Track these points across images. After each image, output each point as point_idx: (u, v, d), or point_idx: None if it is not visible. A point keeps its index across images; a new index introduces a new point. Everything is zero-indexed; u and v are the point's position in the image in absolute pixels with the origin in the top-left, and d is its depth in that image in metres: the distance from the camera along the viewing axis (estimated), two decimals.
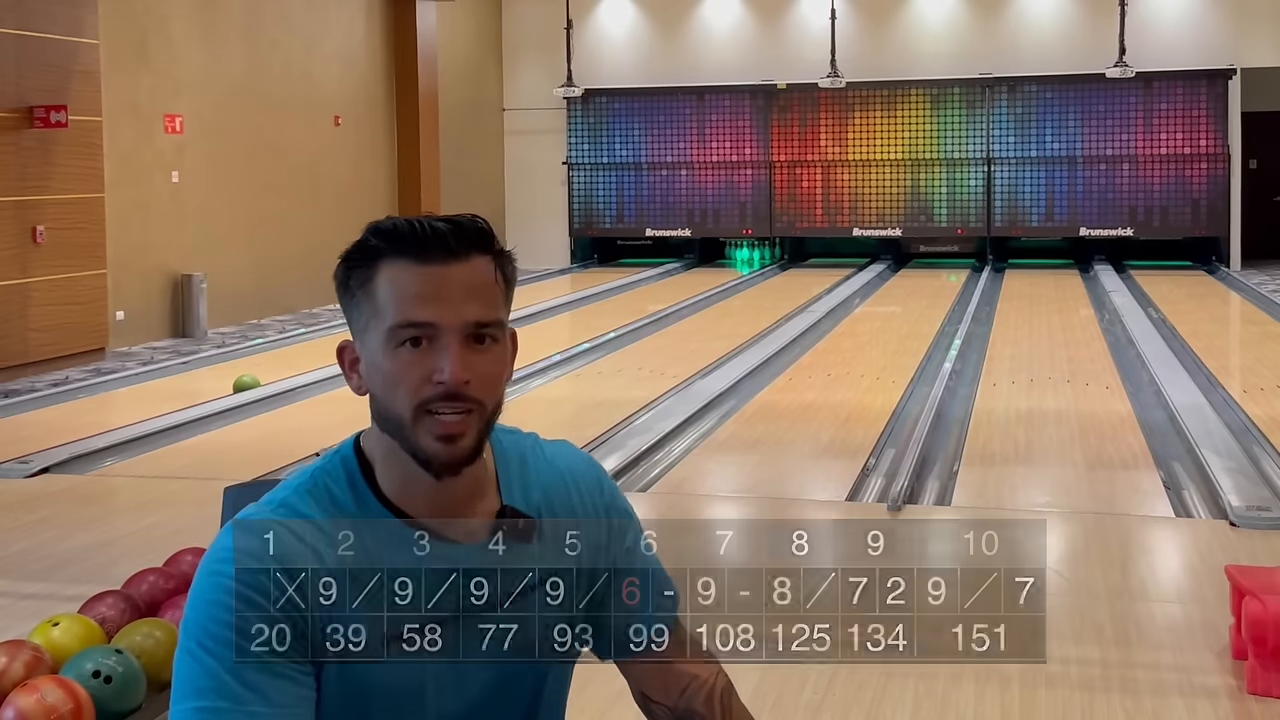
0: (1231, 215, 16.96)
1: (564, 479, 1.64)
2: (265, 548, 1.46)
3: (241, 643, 1.42)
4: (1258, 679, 3.69)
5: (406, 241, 1.49)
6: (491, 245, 1.54)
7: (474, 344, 1.49)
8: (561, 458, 1.66)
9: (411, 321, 1.47)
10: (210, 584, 1.46)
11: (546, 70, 18.60)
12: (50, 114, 9.99)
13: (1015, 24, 17.57)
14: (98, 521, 5.93)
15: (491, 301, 1.51)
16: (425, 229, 1.49)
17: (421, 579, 1.48)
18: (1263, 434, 7.02)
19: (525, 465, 1.61)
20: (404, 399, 1.47)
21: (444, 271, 1.48)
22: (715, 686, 1.72)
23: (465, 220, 1.52)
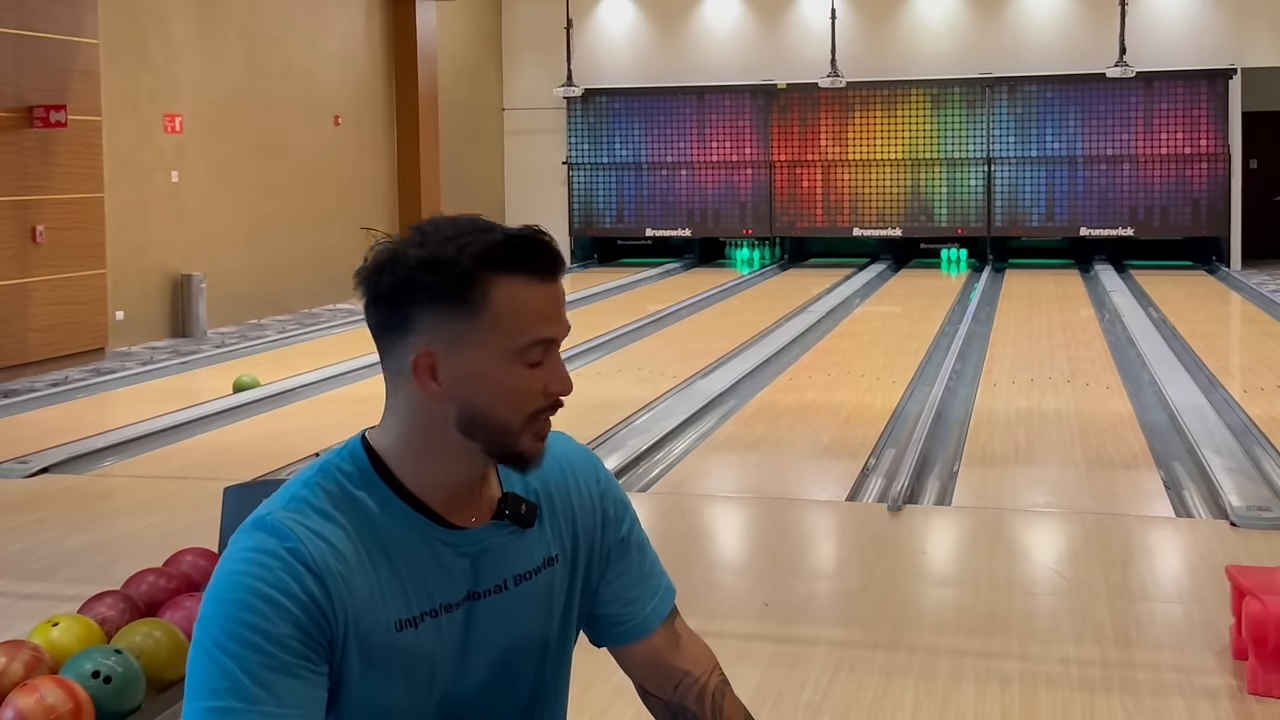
0: (1232, 215, 16.96)
1: (561, 467, 1.67)
2: (283, 546, 1.47)
3: (259, 643, 1.43)
4: (1258, 679, 3.68)
5: (527, 257, 1.51)
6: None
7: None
8: (558, 447, 1.67)
9: (542, 339, 1.51)
10: (229, 584, 1.47)
11: (546, 70, 18.60)
12: (50, 114, 9.99)
13: (1015, 24, 17.56)
14: (97, 521, 5.93)
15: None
16: (542, 246, 1.52)
17: (437, 565, 1.53)
18: (1263, 434, 7.01)
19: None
20: (518, 409, 1.50)
21: (556, 289, 1.53)
22: (708, 684, 1.73)
23: (545, 235, 1.55)
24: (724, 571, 5.18)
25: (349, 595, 1.48)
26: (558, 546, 1.63)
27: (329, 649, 1.47)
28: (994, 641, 4.23)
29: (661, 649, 1.72)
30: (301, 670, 1.44)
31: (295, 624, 1.44)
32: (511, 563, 1.58)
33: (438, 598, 1.53)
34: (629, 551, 1.72)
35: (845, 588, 4.93)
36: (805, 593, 4.88)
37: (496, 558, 1.57)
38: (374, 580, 1.50)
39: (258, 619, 1.43)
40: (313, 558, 1.47)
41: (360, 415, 1.52)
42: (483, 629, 1.56)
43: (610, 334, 11.34)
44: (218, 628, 1.44)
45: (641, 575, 1.72)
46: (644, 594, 1.72)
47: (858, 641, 4.26)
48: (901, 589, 4.84)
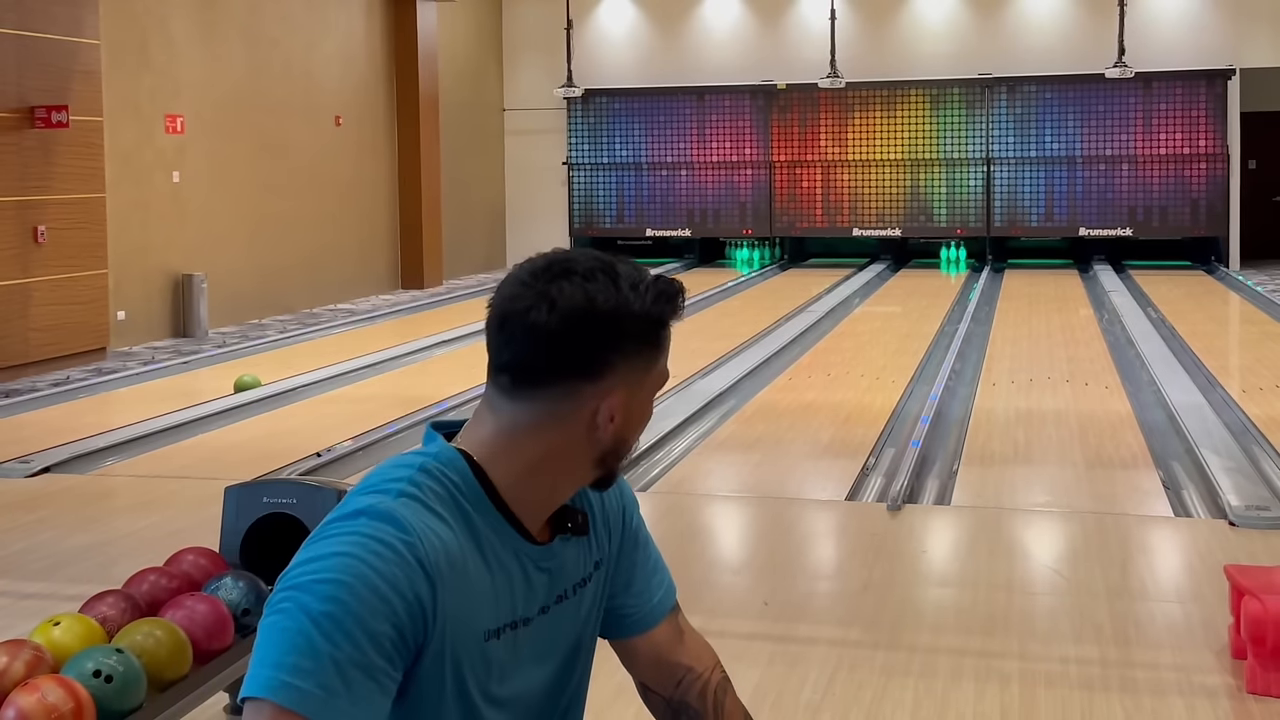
0: (1231, 215, 16.96)
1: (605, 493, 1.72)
2: (402, 539, 1.43)
3: (357, 635, 1.38)
4: (1257, 678, 3.69)
5: (678, 307, 1.62)
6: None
7: None
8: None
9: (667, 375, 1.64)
10: (340, 565, 1.40)
11: (546, 70, 18.61)
12: (51, 114, 9.99)
13: (1015, 24, 17.57)
14: (98, 521, 5.94)
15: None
16: (675, 293, 1.62)
17: (524, 579, 1.57)
18: (1262, 434, 7.02)
19: None
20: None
21: (670, 333, 1.64)
22: (710, 681, 1.75)
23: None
24: (724, 571, 5.19)
25: (450, 601, 1.46)
26: (600, 551, 1.67)
27: (414, 655, 1.45)
28: (993, 641, 4.24)
29: (664, 644, 1.74)
30: (382, 675, 1.40)
31: (395, 624, 1.41)
32: (572, 572, 1.62)
33: (520, 610, 1.56)
34: (638, 544, 1.74)
35: (845, 587, 4.94)
36: (805, 592, 4.89)
37: (563, 569, 1.61)
38: (474, 589, 1.49)
39: (362, 610, 1.38)
40: (428, 557, 1.44)
41: (360, 414, 1.53)
42: (546, 638, 1.60)
43: None
44: (319, 606, 1.38)
45: (647, 568, 1.75)
46: (649, 587, 1.74)
47: (857, 641, 4.27)
48: (901, 588, 4.85)
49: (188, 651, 3.52)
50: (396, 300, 14.83)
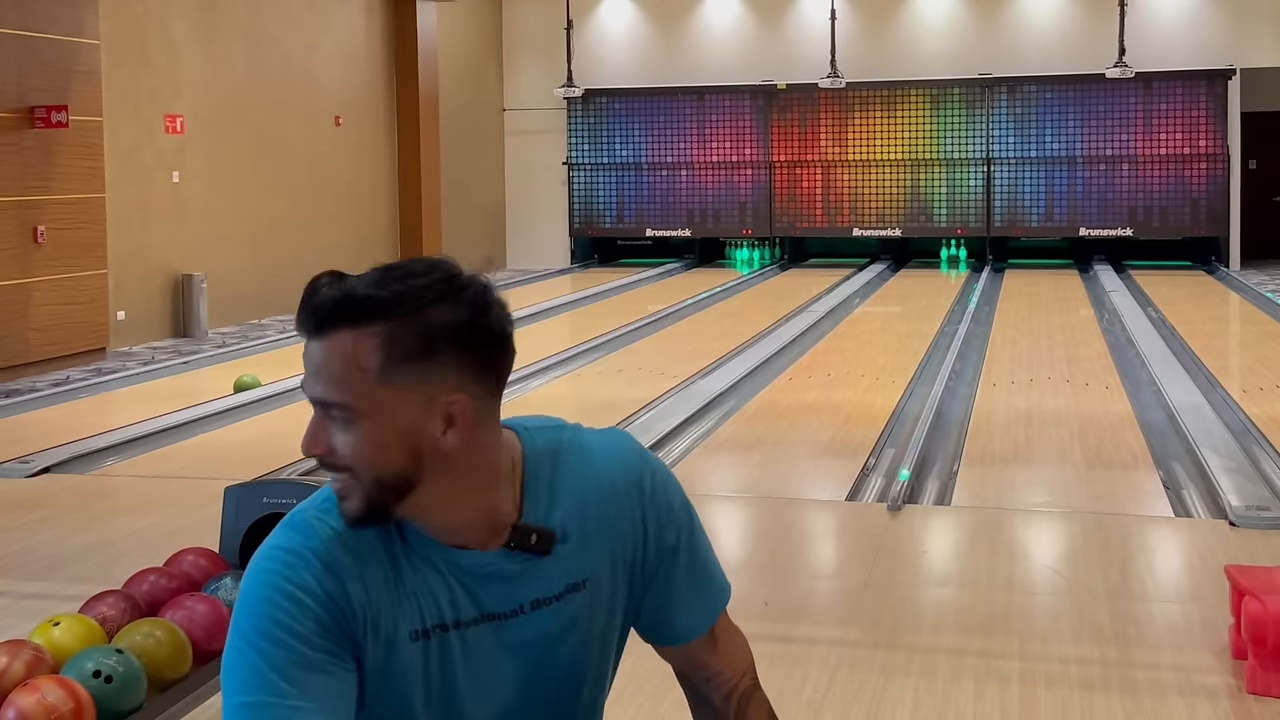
0: (1231, 215, 16.97)
1: (599, 485, 1.61)
2: (306, 545, 1.50)
3: (284, 638, 1.46)
4: (1257, 679, 3.69)
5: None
6: (349, 313, 1.43)
7: (329, 418, 1.46)
8: (601, 459, 1.63)
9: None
10: (257, 580, 1.50)
11: (546, 70, 18.61)
12: (51, 114, 10.00)
13: (1015, 24, 17.57)
14: (98, 521, 5.94)
15: (336, 379, 1.44)
16: (302, 302, 1.46)
17: (444, 582, 1.53)
18: (1262, 434, 7.02)
19: (556, 474, 1.59)
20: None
21: (307, 346, 1.47)
22: (737, 687, 1.73)
23: (341, 292, 1.44)
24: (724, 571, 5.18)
25: (367, 597, 1.50)
26: (588, 570, 1.59)
27: (354, 645, 1.50)
28: (993, 641, 4.23)
29: (697, 651, 1.72)
30: (327, 665, 1.47)
31: (316, 620, 1.47)
32: (526, 589, 1.56)
33: (449, 613, 1.53)
34: (676, 562, 1.67)
35: (845, 587, 4.94)
36: (805, 592, 4.89)
37: (507, 583, 1.55)
38: (388, 587, 1.52)
39: (282, 615, 1.47)
40: (332, 556, 1.50)
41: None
42: (504, 650, 1.56)
43: (610, 334, 11.34)
44: (247, 624, 1.48)
45: (687, 588, 1.68)
46: (685, 607, 1.69)
47: (857, 641, 4.27)
48: (901, 588, 4.85)
49: (188, 651, 3.52)
50: None
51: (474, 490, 1.51)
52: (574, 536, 1.57)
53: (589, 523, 1.58)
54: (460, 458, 1.48)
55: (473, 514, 1.52)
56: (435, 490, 1.48)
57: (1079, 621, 4.37)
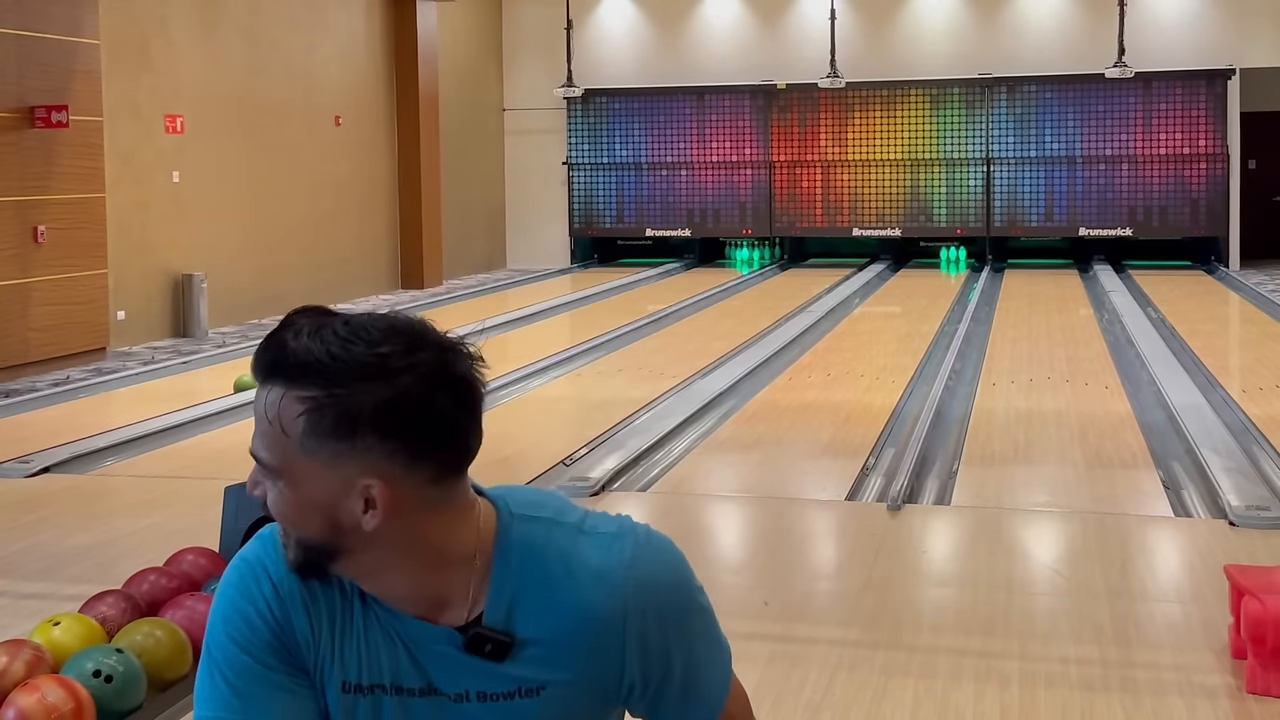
0: (1230, 215, 16.97)
1: (576, 612, 1.43)
2: (268, 561, 1.47)
3: (237, 653, 1.44)
4: (1257, 678, 3.69)
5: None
6: (285, 373, 1.35)
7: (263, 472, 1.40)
8: (585, 580, 1.43)
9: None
10: (220, 594, 1.49)
11: (546, 70, 18.61)
12: (51, 114, 9.99)
13: (1015, 24, 17.57)
14: (98, 521, 5.94)
15: (263, 435, 1.37)
16: (261, 344, 1.40)
17: (389, 645, 1.46)
18: (1262, 434, 7.02)
19: (527, 579, 1.43)
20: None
21: (256, 390, 1.41)
22: None
23: (285, 348, 1.35)
24: (724, 571, 5.18)
25: (311, 633, 1.46)
26: (545, 680, 1.43)
27: (308, 668, 1.47)
28: (993, 641, 4.23)
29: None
30: (285, 683, 1.45)
31: (265, 640, 1.45)
32: (474, 679, 1.44)
33: (388, 676, 1.45)
34: (664, 691, 1.49)
35: (845, 587, 4.94)
36: (805, 592, 4.89)
37: (454, 667, 1.44)
38: (333, 630, 1.47)
39: (235, 632, 1.45)
40: (280, 576, 1.46)
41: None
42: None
43: (610, 334, 11.34)
44: (210, 638, 1.47)
45: (673, 710, 1.51)
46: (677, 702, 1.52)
47: (857, 641, 4.27)
48: (901, 588, 4.85)
49: (188, 651, 3.52)
50: (396, 300, 14.84)
51: (411, 570, 1.41)
52: (535, 648, 1.43)
53: (558, 642, 1.43)
54: (389, 538, 1.38)
55: (411, 590, 1.42)
56: (365, 563, 1.40)
57: (1079, 621, 4.37)
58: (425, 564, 1.41)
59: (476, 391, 1.38)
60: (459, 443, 1.38)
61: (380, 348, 1.33)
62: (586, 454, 6.82)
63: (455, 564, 1.42)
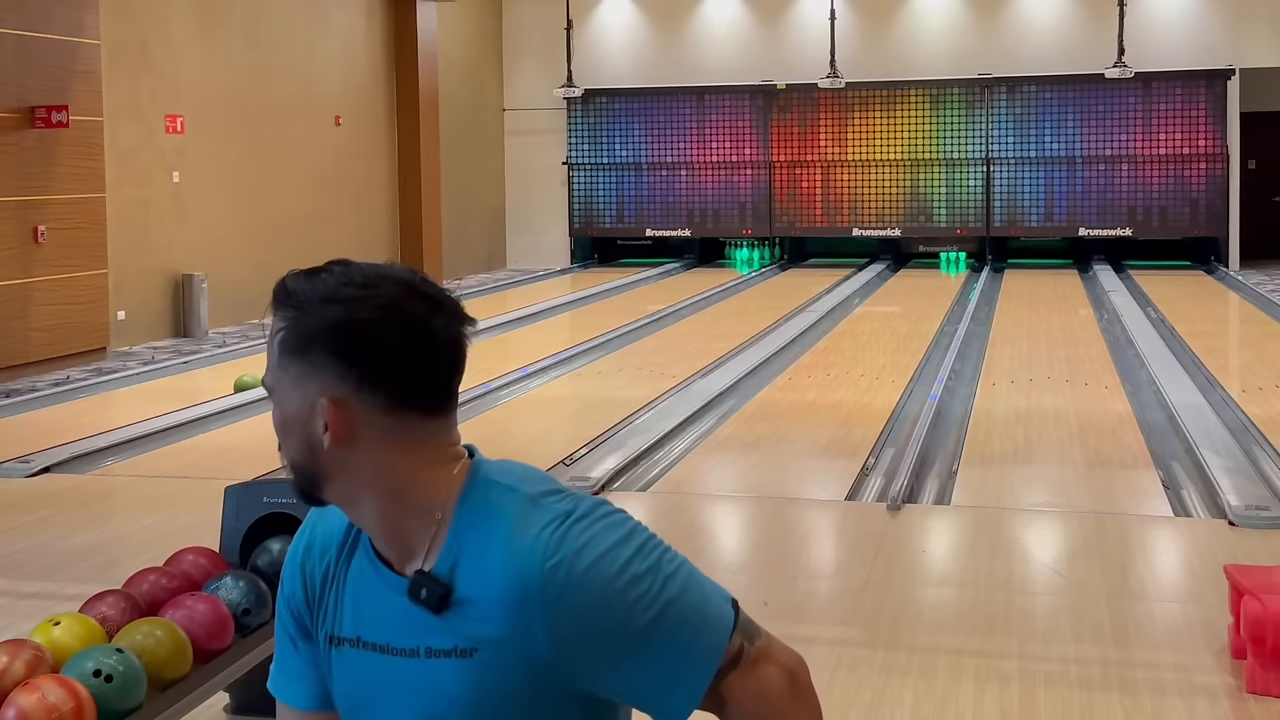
0: (1230, 215, 16.97)
1: (501, 584, 1.41)
2: (314, 519, 1.59)
3: (281, 608, 1.59)
4: (1257, 678, 3.69)
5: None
6: (275, 299, 1.51)
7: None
8: (517, 558, 1.41)
9: None
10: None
11: (546, 70, 18.61)
12: (51, 114, 10.00)
13: (1015, 24, 17.58)
14: (99, 521, 5.94)
15: (269, 359, 1.50)
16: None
17: (378, 598, 1.48)
18: (1261, 433, 7.02)
19: (473, 537, 1.44)
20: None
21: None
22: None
23: (288, 278, 1.53)
24: (724, 571, 5.19)
25: (317, 582, 1.55)
26: (480, 636, 1.42)
27: (311, 625, 1.56)
28: (993, 640, 4.24)
29: (706, 708, 1.49)
30: (293, 634, 1.58)
31: (289, 590, 1.57)
32: (421, 634, 1.45)
33: (368, 632, 1.48)
34: (619, 664, 1.43)
35: (845, 587, 4.94)
36: (805, 592, 4.89)
37: (405, 619, 1.45)
38: (336, 582, 1.53)
39: (282, 585, 1.60)
40: (314, 536, 1.57)
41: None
42: (398, 682, 1.47)
43: (610, 334, 11.35)
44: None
45: (646, 678, 1.44)
46: (650, 697, 1.45)
47: (857, 640, 4.27)
48: (901, 588, 4.85)
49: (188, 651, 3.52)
50: None
51: (376, 506, 1.45)
52: (472, 607, 1.42)
53: (488, 604, 1.42)
54: (353, 465, 1.44)
55: (380, 529, 1.47)
56: (340, 490, 1.47)
57: (1079, 621, 4.37)
58: (388, 501, 1.46)
59: (437, 335, 1.44)
60: (410, 377, 1.43)
61: (350, 280, 1.46)
62: (586, 454, 6.82)
63: (419, 512, 1.46)
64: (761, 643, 1.50)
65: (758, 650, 1.49)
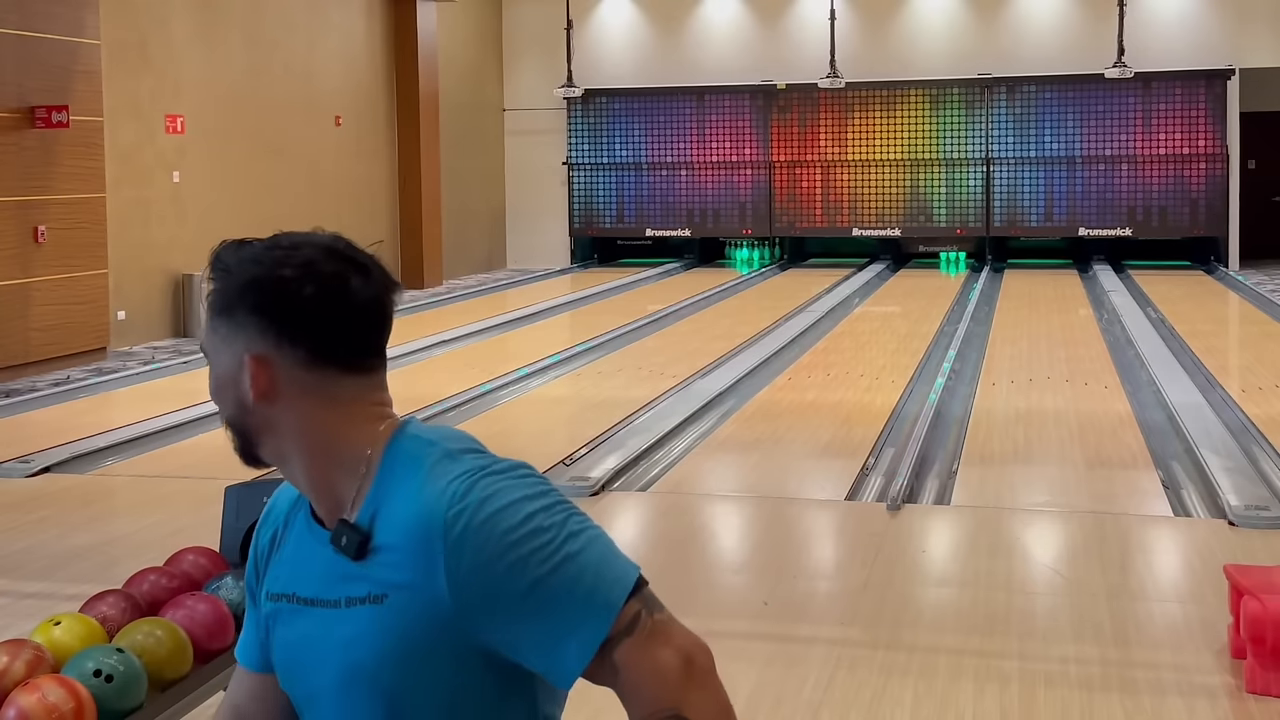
0: (1230, 215, 16.97)
1: (408, 529, 1.45)
2: (274, 497, 1.66)
3: (247, 571, 1.67)
4: (1256, 678, 3.70)
5: None
6: (209, 266, 1.57)
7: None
8: (425, 505, 1.44)
9: None
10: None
11: (546, 70, 18.61)
12: (51, 114, 10.00)
13: (1015, 24, 17.58)
14: (99, 521, 5.94)
15: (204, 324, 1.57)
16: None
17: (300, 551, 1.56)
18: (1261, 433, 7.03)
19: (394, 486, 1.47)
20: None
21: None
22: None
23: (230, 241, 1.58)
24: (724, 571, 5.19)
25: (265, 542, 1.62)
26: (390, 581, 1.45)
27: (256, 587, 1.62)
28: (993, 640, 4.24)
29: (609, 683, 1.46)
30: (252, 603, 1.64)
31: (250, 558, 1.65)
32: (343, 584, 1.48)
33: (300, 587, 1.53)
34: (517, 610, 1.43)
35: (844, 587, 4.94)
36: (805, 592, 4.89)
37: (330, 569, 1.49)
38: (283, 540, 1.60)
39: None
40: (275, 498, 1.65)
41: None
42: (319, 632, 1.50)
43: (610, 334, 11.35)
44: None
45: (538, 631, 1.43)
46: (543, 651, 1.44)
47: (857, 640, 4.27)
48: (901, 588, 4.85)
49: (188, 651, 3.52)
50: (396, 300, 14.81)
51: (304, 463, 1.53)
52: (386, 553, 1.45)
53: (397, 549, 1.45)
54: (279, 421, 1.52)
55: (309, 485, 1.54)
56: (271, 448, 1.54)
57: (1079, 621, 4.37)
58: (315, 457, 1.52)
59: (350, 293, 1.50)
60: (328, 332, 1.49)
61: (272, 244, 1.52)
62: (586, 454, 6.82)
63: (345, 466, 1.51)
64: (661, 616, 1.45)
65: (655, 622, 1.44)
